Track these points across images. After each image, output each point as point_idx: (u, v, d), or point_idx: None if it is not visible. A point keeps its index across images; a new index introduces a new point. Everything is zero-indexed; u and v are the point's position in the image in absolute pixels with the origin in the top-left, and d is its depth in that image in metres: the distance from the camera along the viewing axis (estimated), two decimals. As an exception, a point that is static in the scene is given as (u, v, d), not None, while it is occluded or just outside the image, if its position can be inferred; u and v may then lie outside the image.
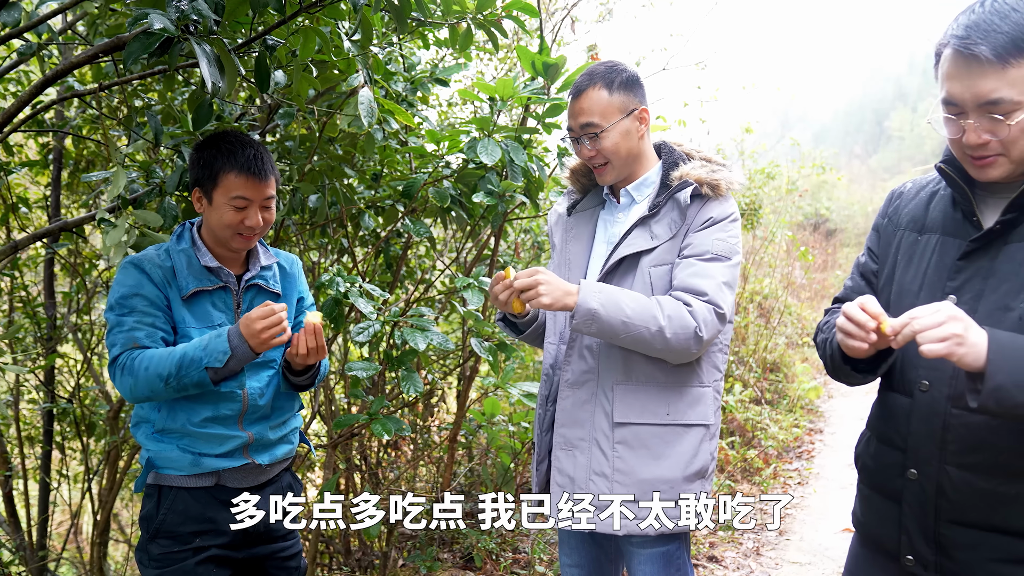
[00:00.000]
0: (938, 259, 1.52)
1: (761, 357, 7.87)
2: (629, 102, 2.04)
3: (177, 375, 1.88)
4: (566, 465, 2.08)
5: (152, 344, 1.95)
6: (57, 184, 3.78)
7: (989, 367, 1.26)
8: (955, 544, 1.44)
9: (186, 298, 2.01)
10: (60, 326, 3.90)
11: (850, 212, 19.32)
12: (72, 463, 4.39)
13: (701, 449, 2.05)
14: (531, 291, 1.90)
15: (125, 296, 1.96)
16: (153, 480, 2.05)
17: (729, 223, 2.02)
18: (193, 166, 2.01)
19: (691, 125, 6.53)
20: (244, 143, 2.00)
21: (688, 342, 1.91)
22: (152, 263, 1.99)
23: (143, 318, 1.96)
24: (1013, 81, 1.31)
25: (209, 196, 1.99)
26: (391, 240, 3.45)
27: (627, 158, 2.08)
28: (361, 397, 3.00)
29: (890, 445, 1.56)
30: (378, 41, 2.85)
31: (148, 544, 2.03)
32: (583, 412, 2.06)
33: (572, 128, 2.09)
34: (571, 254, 2.19)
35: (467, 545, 3.92)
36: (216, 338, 1.90)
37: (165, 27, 1.71)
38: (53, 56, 3.29)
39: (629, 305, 1.89)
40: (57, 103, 2.50)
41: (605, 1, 5.84)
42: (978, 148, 1.38)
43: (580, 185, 2.27)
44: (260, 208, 2.01)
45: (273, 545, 2.17)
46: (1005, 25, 1.30)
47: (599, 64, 2.09)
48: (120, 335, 1.95)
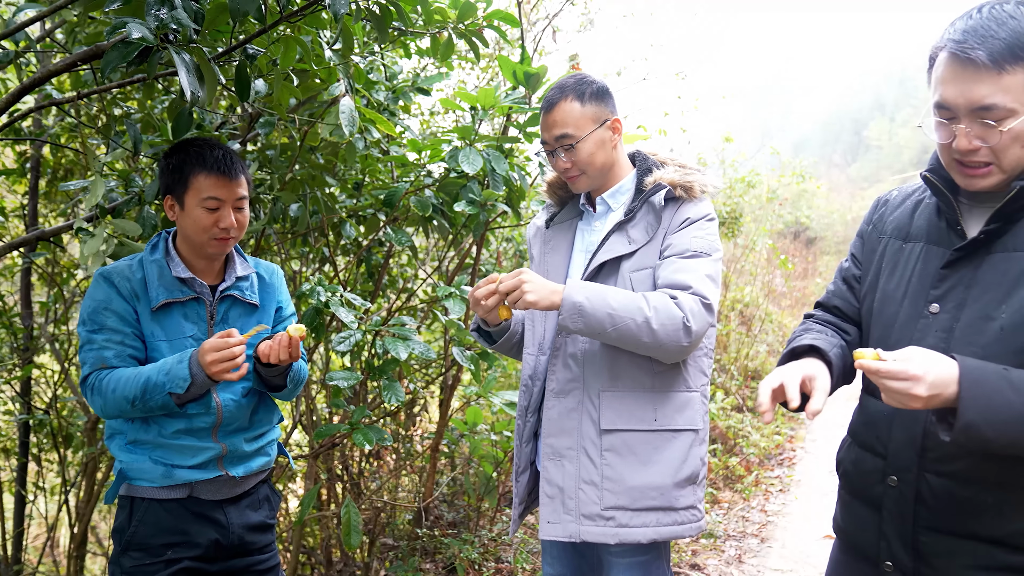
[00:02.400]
0: (922, 267, 1.52)
1: (743, 365, 7.92)
2: (601, 112, 2.06)
3: (142, 398, 1.88)
4: (554, 475, 2.06)
5: (120, 363, 1.95)
6: (35, 193, 3.74)
7: (960, 405, 1.25)
8: (933, 551, 1.45)
9: (156, 310, 1.98)
10: (37, 336, 3.85)
11: (830, 220, 19.52)
12: (49, 475, 4.33)
13: (691, 454, 2.05)
14: (516, 291, 1.90)
15: (95, 311, 1.95)
16: (125, 492, 2.03)
17: (706, 222, 2.04)
18: (163, 174, 2.00)
19: (672, 134, 6.58)
20: (211, 145, 1.99)
21: (677, 333, 1.89)
22: (121, 275, 1.97)
23: (112, 336, 1.95)
24: (1007, 88, 1.31)
25: (181, 201, 1.97)
26: (373, 249, 3.45)
27: (602, 167, 2.09)
28: (343, 407, 2.99)
29: (871, 451, 1.57)
30: (359, 50, 2.85)
31: (120, 557, 2.01)
32: (570, 421, 2.05)
33: (546, 141, 2.10)
34: (549, 265, 2.19)
35: (449, 555, 3.90)
36: (178, 364, 1.88)
37: (144, 36, 1.70)
38: (31, 64, 3.26)
39: (614, 298, 1.90)
40: (35, 111, 2.47)
41: (586, 11, 5.88)
42: (968, 154, 1.38)
43: (558, 197, 2.28)
44: (233, 209, 1.99)
45: (249, 558, 2.13)
46: (1002, 31, 1.31)
47: (569, 77, 2.11)
48: (90, 354, 1.95)
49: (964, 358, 1.30)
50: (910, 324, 1.48)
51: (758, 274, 9.62)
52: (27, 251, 3.03)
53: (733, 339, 8.05)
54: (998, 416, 1.25)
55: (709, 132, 9.28)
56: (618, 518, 1.99)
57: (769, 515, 5.04)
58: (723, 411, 6.57)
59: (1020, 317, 1.35)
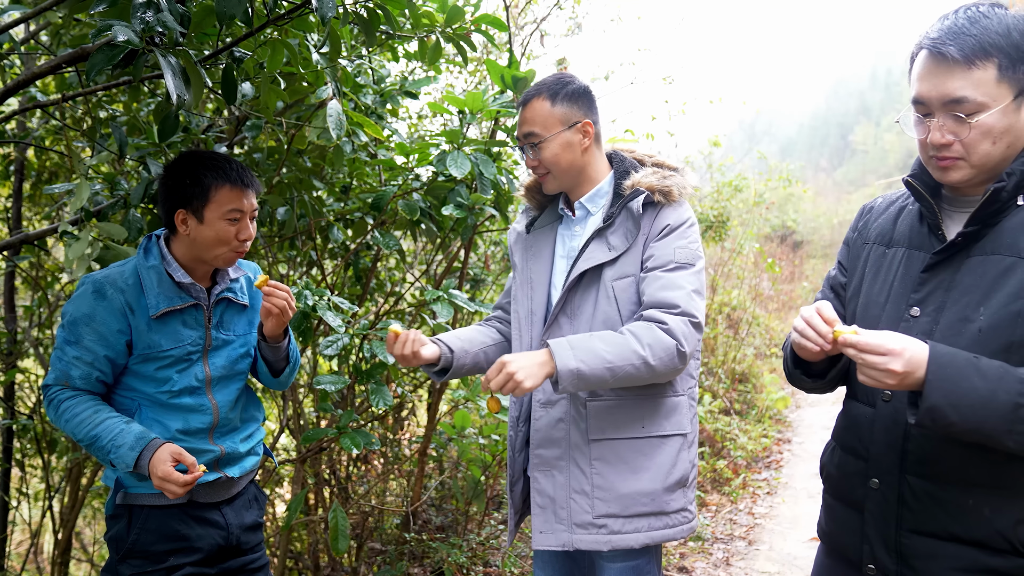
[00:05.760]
0: (904, 272, 1.55)
1: (730, 368, 7.95)
2: (572, 114, 2.04)
3: (88, 446, 1.90)
4: (545, 485, 2.06)
5: (84, 387, 1.95)
6: (19, 196, 3.71)
7: (926, 387, 1.31)
8: (915, 553, 1.46)
9: (155, 318, 1.96)
10: (21, 341, 3.82)
11: (816, 224, 19.65)
12: (33, 480, 4.29)
13: (680, 458, 2.05)
14: (509, 383, 1.84)
15: (75, 322, 1.92)
16: (123, 500, 2.01)
17: (687, 228, 2.02)
18: (177, 187, 1.95)
19: (659, 138, 6.61)
20: (226, 158, 1.99)
21: (673, 362, 1.89)
22: (115, 287, 1.94)
23: (84, 355, 1.92)
24: (977, 83, 1.37)
25: (199, 214, 1.94)
26: (360, 253, 3.44)
27: (568, 169, 2.07)
28: (330, 411, 2.98)
29: (853, 455, 1.59)
30: (347, 54, 2.85)
31: (118, 565, 2.00)
32: (557, 431, 2.05)
33: (519, 137, 2.11)
34: (532, 272, 2.18)
35: (438, 559, 3.89)
36: (129, 449, 1.86)
37: (129, 39, 1.69)
38: (15, 66, 3.24)
39: (606, 350, 1.86)
40: (19, 113, 2.46)
41: (574, 15, 5.89)
42: (941, 148, 1.43)
43: (536, 201, 2.26)
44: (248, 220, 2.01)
45: (243, 558, 2.17)
46: (975, 29, 1.38)
47: (550, 76, 2.10)
48: (59, 364, 1.95)
49: (936, 344, 1.34)
50: (891, 327, 1.50)
51: (745, 277, 9.66)
52: (11, 254, 3.00)
53: (720, 342, 8.07)
54: (962, 400, 1.29)
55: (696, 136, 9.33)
56: (610, 525, 1.99)
57: (756, 518, 5.06)
58: (711, 414, 6.59)
59: (998, 319, 1.38)
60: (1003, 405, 1.28)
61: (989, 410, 1.29)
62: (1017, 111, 1.39)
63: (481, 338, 2.26)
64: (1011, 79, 1.37)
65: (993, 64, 1.36)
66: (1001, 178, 1.41)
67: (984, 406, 1.29)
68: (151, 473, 1.85)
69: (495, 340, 2.29)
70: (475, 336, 2.25)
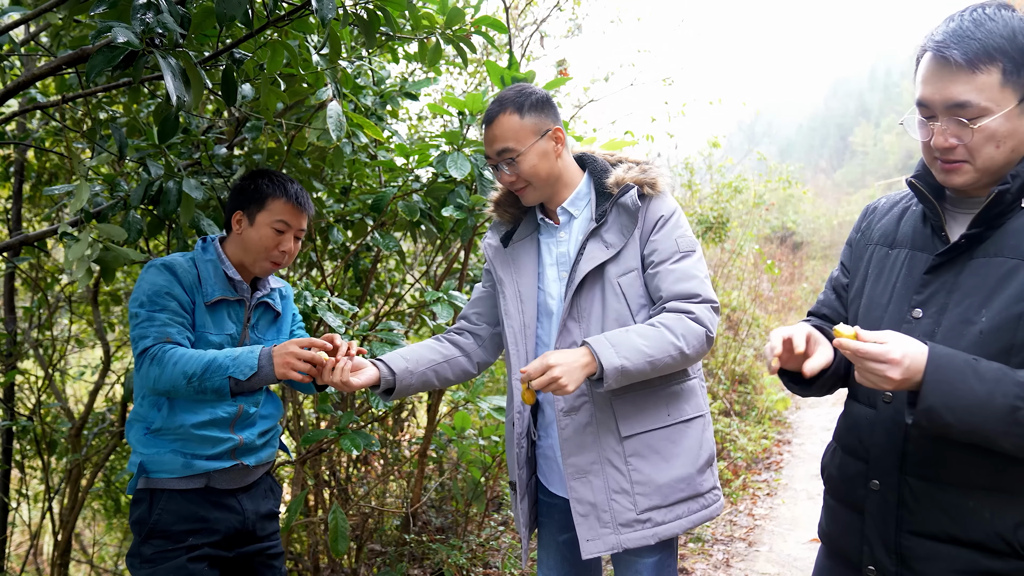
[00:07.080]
0: (907, 273, 1.55)
1: (730, 369, 7.95)
2: (542, 123, 2.03)
3: (201, 376, 1.97)
4: (584, 493, 2.03)
5: (182, 342, 2.06)
6: (18, 197, 3.71)
7: (923, 389, 1.30)
8: (915, 555, 1.46)
9: (209, 304, 2.13)
10: (21, 342, 3.82)
11: (816, 225, 19.62)
12: (32, 482, 4.29)
13: (704, 438, 2.08)
14: (552, 384, 1.83)
15: (157, 293, 2.06)
16: (144, 485, 2.11)
17: (679, 217, 2.06)
18: (239, 193, 2.18)
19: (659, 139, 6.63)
20: (290, 179, 2.21)
21: (703, 347, 1.95)
22: (183, 268, 2.12)
23: (175, 317, 2.07)
24: (981, 87, 1.36)
25: (252, 217, 2.16)
26: (360, 254, 3.44)
27: (548, 178, 2.06)
28: (330, 412, 2.98)
29: (854, 456, 1.59)
30: (347, 55, 2.85)
31: (140, 546, 2.09)
32: (586, 436, 2.03)
33: (489, 156, 2.07)
34: (522, 287, 2.15)
35: (437, 560, 3.89)
36: (248, 353, 2.02)
37: (129, 40, 1.69)
38: (15, 67, 3.24)
39: (645, 344, 1.88)
40: (19, 115, 2.46)
41: (574, 17, 5.89)
42: (945, 152, 1.43)
43: (509, 216, 2.23)
44: (293, 237, 2.19)
45: (260, 544, 2.27)
46: (979, 32, 1.36)
47: (508, 89, 2.07)
48: (152, 328, 2.04)
49: (936, 345, 1.34)
50: (893, 329, 1.50)
51: (745, 279, 9.66)
52: (11, 256, 3.01)
53: (720, 343, 8.07)
54: (959, 402, 1.29)
55: (696, 137, 9.34)
56: (654, 518, 1.99)
57: (756, 519, 5.06)
58: (711, 415, 6.59)
59: (999, 321, 1.37)
60: (1000, 407, 1.28)
61: (986, 412, 1.28)
62: (1021, 115, 1.38)
63: (430, 355, 2.20)
64: (1015, 83, 1.36)
65: (997, 68, 1.35)
66: (1005, 180, 1.40)
67: (981, 408, 1.28)
68: (279, 360, 1.98)
69: (447, 356, 2.23)
70: (424, 354, 2.20)
